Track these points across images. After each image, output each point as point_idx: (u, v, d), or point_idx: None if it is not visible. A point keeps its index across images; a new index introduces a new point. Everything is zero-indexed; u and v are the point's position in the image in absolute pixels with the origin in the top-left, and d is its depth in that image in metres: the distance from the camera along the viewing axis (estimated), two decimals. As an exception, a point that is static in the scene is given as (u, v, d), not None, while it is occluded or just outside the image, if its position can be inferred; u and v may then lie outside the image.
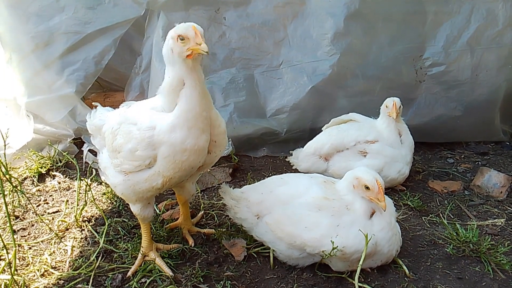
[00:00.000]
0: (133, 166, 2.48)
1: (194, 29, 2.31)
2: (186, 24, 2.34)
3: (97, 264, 2.82)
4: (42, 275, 2.76)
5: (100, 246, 2.98)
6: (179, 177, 2.53)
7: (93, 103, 3.02)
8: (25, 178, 4.01)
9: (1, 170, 2.86)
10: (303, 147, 4.15)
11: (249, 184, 3.80)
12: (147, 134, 2.38)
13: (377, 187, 2.65)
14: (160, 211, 3.47)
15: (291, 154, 4.22)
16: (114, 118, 2.68)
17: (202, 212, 3.47)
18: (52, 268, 2.82)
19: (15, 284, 2.57)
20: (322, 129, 4.17)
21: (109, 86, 5.19)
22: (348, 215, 2.70)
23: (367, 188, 2.68)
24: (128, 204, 3.55)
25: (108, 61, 4.49)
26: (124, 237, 3.15)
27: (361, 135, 3.83)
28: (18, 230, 3.25)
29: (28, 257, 2.91)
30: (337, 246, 2.55)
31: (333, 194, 2.81)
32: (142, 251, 2.84)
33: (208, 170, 3.94)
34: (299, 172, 4.01)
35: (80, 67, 4.42)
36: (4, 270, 2.68)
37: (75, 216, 3.34)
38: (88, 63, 4.42)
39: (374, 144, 3.80)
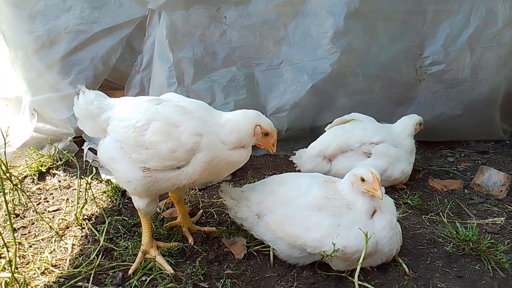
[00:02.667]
0: (163, 165, 2.53)
1: (275, 132, 2.83)
2: (270, 123, 2.79)
3: (98, 262, 2.82)
4: (43, 273, 2.75)
5: (101, 244, 2.98)
6: (204, 181, 2.77)
7: (78, 86, 2.79)
8: (25, 177, 4.01)
9: (2, 169, 2.87)
10: (303, 145, 4.14)
11: (249, 182, 3.82)
12: (193, 139, 2.51)
13: (372, 177, 2.68)
14: (160, 210, 3.47)
15: (294, 154, 4.21)
16: (134, 112, 2.59)
17: (202, 210, 3.47)
18: (52, 266, 2.82)
19: (16, 282, 2.57)
20: (325, 129, 4.16)
21: (110, 84, 5.18)
22: (349, 215, 2.70)
23: (363, 180, 2.70)
24: (128, 203, 3.58)
25: (109, 60, 4.53)
26: (125, 235, 3.16)
27: (366, 136, 3.82)
28: (19, 228, 3.25)
29: (29, 255, 2.91)
30: (338, 249, 2.56)
31: (333, 193, 2.80)
32: (143, 248, 2.84)
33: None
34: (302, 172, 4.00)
35: (88, 66, 4.47)
36: (5, 268, 2.68)
37: (75, 214, 3.34)
38: (96, 62, 4.48)
39: (379, 145, 3.79)
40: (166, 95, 2.85)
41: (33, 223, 3.33)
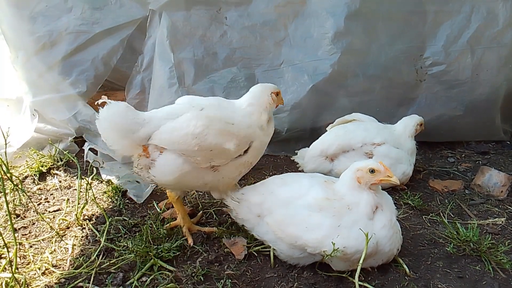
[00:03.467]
0: (224, 160, 2.79)
1: (279, 91, 3.16)
2: (272, 84, 3.16)
3: (98, 262, 2.82)
4: (43, 274, 2.75)
5: (101, 244, 2.98)
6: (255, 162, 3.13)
7: (102, 97, 2.59)
8: (26, 177, 4.01)
9: (2, 169, 2.87)
10: (304, 146, 4.14)
11: (250, 183, 3.82)
12: (249, 130, 2.85)
13: (383, 166, 2.71)
14: (160, 210, 3.47)
15: (296, 154, 4.21)
16: (181, 122, 2.67)
17: (202, 211, 3.47)
18: (53, 266, 2.82)
19: (16, 283, 2.57)
20: (326, 129, 4.16)
21: (110, 85, 5.19)
22: (349, 215, 2.69)
23: (373, 171, 2.70)
24: (129, 203, 3.59)
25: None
26: (125, 236, 3.15)
27: (368, 136, 3.82)
28: (19, 229, 3.25)
29: (29, 256, 2.91)
30: (338, 248, 2.56)
31: (334, 194, 2.80)
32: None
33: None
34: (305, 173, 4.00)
35: (89, 67, 4.48)
36: (5, 268, 2.68)
37: (76, 214, 3.34)
38: (97, 63, 4.49)
39: (381, 146, 3.79)
40: (184, 99, 2.96)
41: (33, 224, 3.33)
